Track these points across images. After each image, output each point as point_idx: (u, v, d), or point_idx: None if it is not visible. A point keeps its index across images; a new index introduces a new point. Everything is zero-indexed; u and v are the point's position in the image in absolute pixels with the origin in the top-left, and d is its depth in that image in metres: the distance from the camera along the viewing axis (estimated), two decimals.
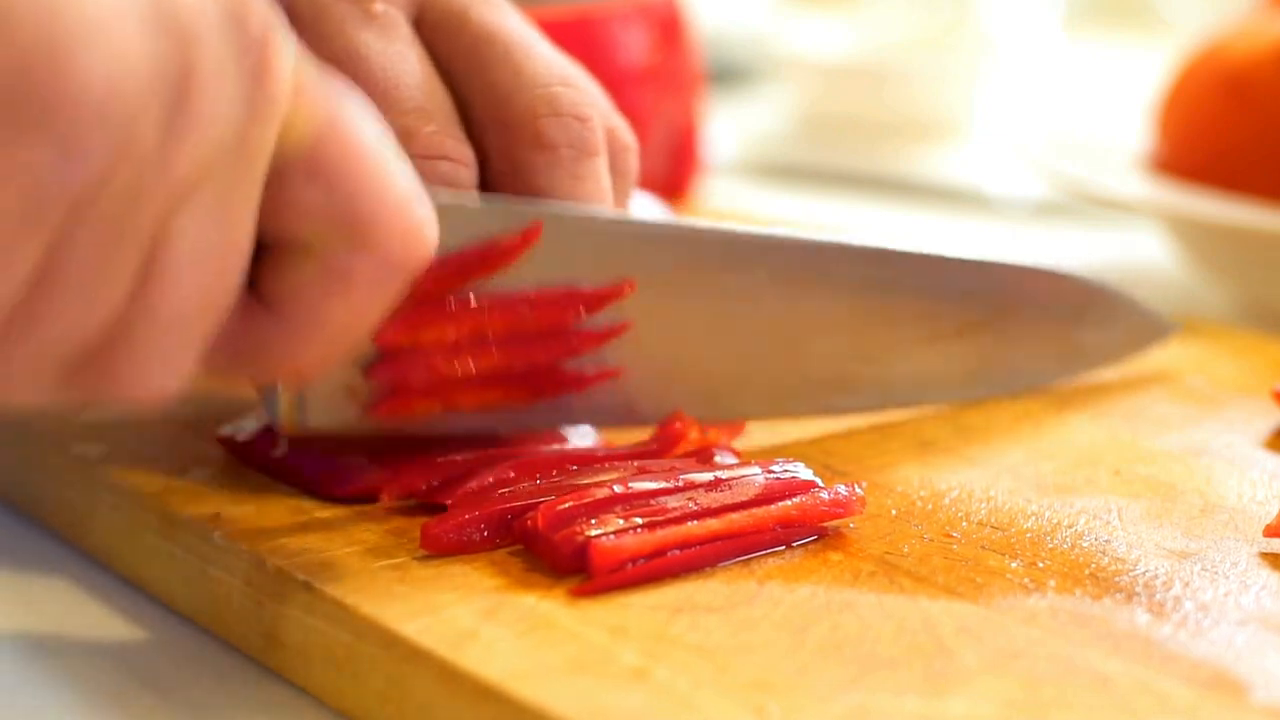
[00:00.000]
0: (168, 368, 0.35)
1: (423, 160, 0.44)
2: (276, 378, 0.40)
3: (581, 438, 0.48)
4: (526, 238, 0.44)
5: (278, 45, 0.35)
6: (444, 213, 0.40)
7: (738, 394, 0.49)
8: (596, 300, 0.46)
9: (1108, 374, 0.56)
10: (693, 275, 0.47)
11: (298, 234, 0.37)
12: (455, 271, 0.43)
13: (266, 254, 0.37)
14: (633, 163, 0.49)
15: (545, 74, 0.46)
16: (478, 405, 0.45)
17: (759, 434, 0.49)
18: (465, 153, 0.45)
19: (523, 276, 0.45)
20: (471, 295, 0.44)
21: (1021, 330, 0.53)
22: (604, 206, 0.46)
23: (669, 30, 0.83)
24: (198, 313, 0.35)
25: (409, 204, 0.37)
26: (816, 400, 0.50)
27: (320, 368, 0.38)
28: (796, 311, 0.49)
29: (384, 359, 0.43)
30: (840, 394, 0.51)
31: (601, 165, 0.46)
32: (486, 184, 0.46)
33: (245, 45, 0.34)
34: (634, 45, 0.81)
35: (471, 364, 0.45)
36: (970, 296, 0.52)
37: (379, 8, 0.46)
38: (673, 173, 0.84)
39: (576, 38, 0.78)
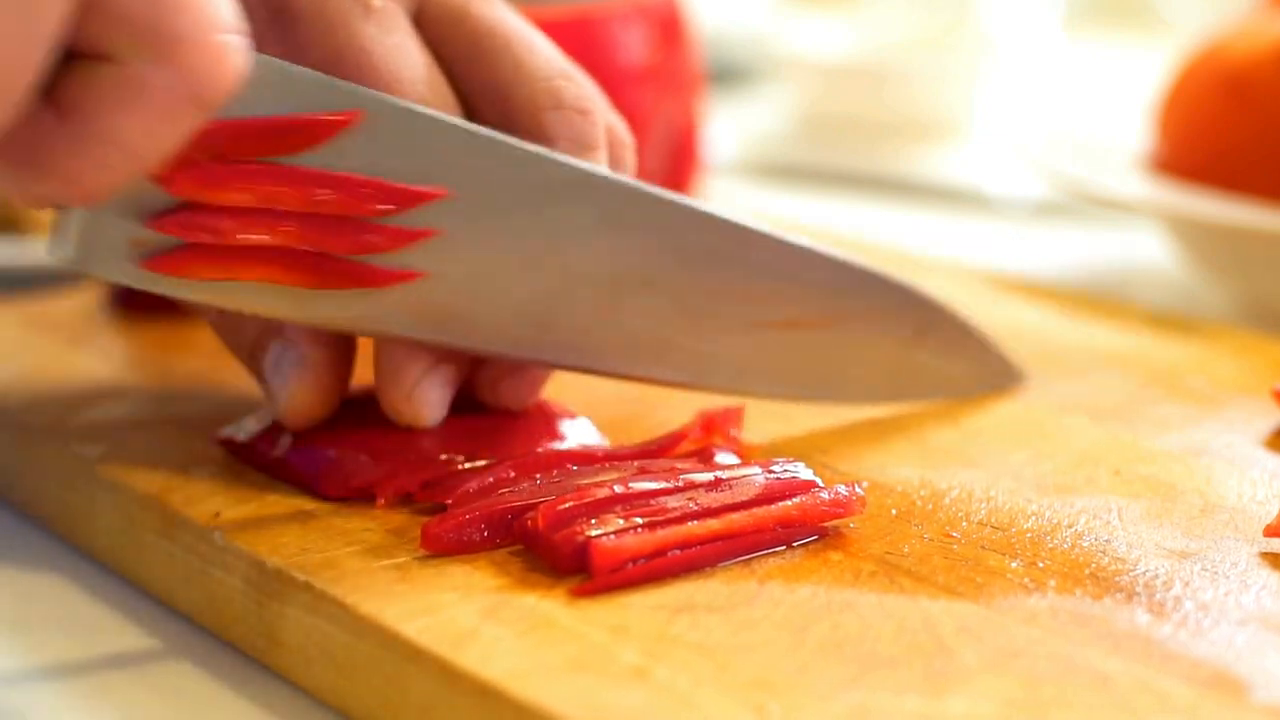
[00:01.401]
0: None
1: None
2: (60, 194, 0.38)
3: (582, 435, 0.48)
4: (344, 119, 0.42)
5: None
6: (267, 73, 0.39)
7: (545, 333, 0.46)
8: (403, 197, 0.43)
9: (1089, 357, 0.56)
10: (517, 196, 0.45)
11: (101, 39, 0.36)
12: (262, 136, 0.42)
13: (67, 61, 0.36)
14: (630, 159, 0.49)
15: (546, 67, 0.46)
16: (260, 278, 0.43)
17: (758, 434, 0.49)
18: None
19: (333, 163, 0.43)
20: (274, 164, 0.42)
21: (854, 339, 0.51)
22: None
23: (669, 30, 0.83)
24: None
25: (219, 26, 0.36)
26: (628, 361, 0.48)
27: (105, 186, 0.37)
28: (618, 260, 0.46)
29: (171, 211, 0.42)
30: (654, 361, 0.48)
31: (601, 158, 0.46)
32: None
33: None
34: (634, 45, 0.81)
35: (261, 235, 0.42)
36: (808, 291, 0.49)
37: (378, 3, 0.46)
38: (673, 173, 0.84)
39: (576, 38, 0.78)
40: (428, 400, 0.46)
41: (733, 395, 0.49)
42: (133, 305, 0.60)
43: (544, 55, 0.47)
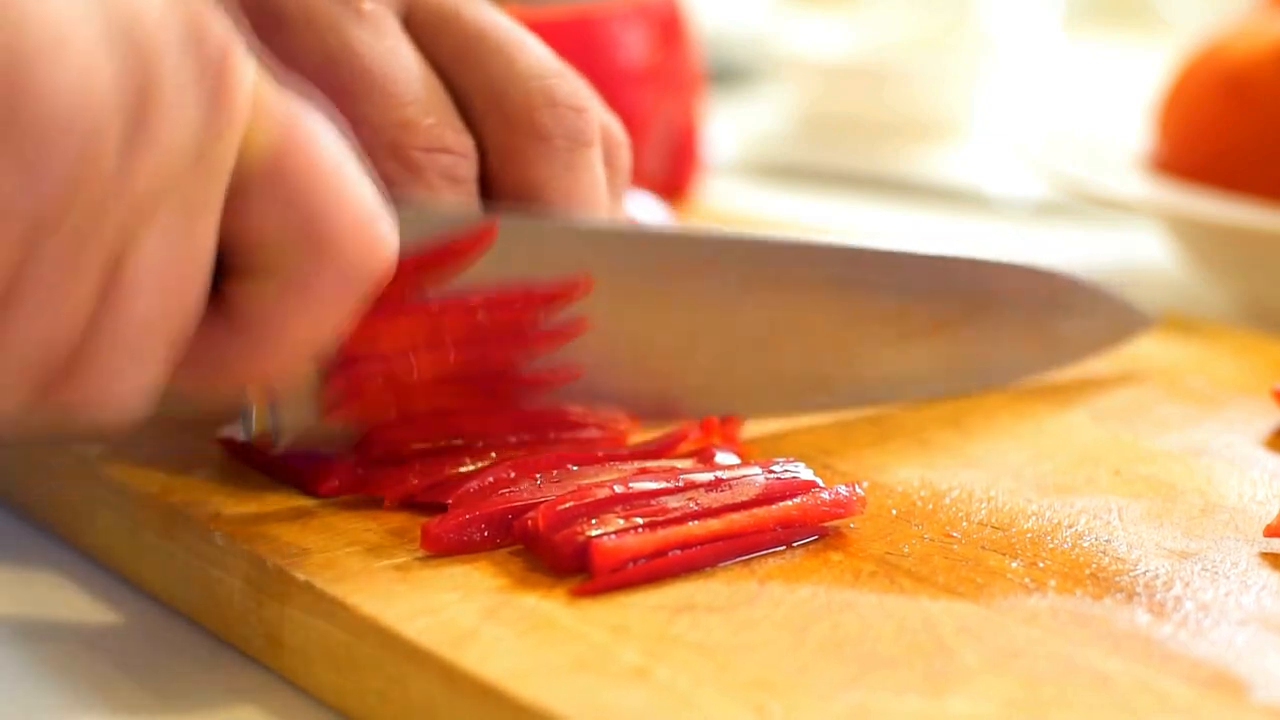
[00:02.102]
0: (133, 380, 0.36)
1: (424, 153, 0.44)
2: (241, 389, 0.40)
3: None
4: (482, 237, 0.44)
5: (237, 60, 0.35)
6: (402, 218, 0.40)
7: (702, 397, 0.49)
8: (553, 297, 0.45)
9: (1095, 367, 0.56)
10: (653, 278, 0.47)
11: (259, 248, 0.37)
12: (411, 273, 0.43)
13: (229, 268, 0.37)
14: (625, 158, 0.49)
15: (539, 66, 0.46)
16: (433, 408, 0.45)
17: (758, 434, 0.49)
18: (466, 144, 0.45)
19: (480, 279, 0.44)
20: (428, 297, 0.44)
21: (996, 325, 0.53)
22: (598, 200, 0.46)
23: (669, 30, 0.83)
24: (161, 326, 0.35)
25: (368, 217, 0.37)
26: (785, 401, 0.50)
27: (283, 379, 0.39)
28: (762, 313, 0.49)
29: (341, 364, 0.43)
30: (810, 394, 0.51)
31: (596, 156, 0.47)
32: (483, 176, 0.46)
33: (205, 61, 0.34)
34: (634, 45, 0.81)
35: (428, 367, 0.44)
36: (941, 293, 0.52)
37: (368, 6, 0.46)
38: (673, 173, 0.84)
39: (576, 38, 0.78)
40: None
41: (894, 405, 0.52)
42: None
43: (536, 54, 0.47)
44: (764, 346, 0.49)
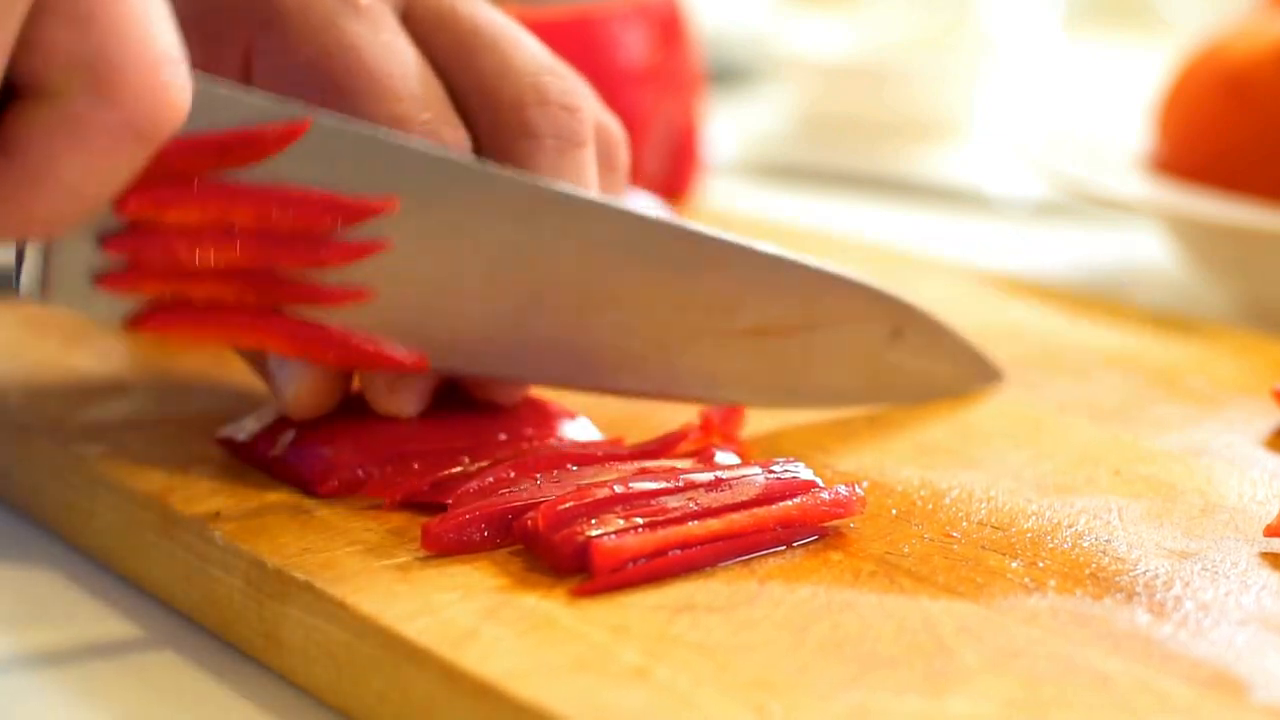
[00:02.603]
0: None
1: None
2: (11, 230, 0.38)
3: (581, 432, 0.48)
4: (291, 131, 0.42)
5: None
6: (211, 97, 0.39)
7: (505, 353, 0.46)
8: (354, 211, 0.43)
9: (1095, 366, 0.56)
10: (470, 216, 0.45)
11: (43, 77, 0.35)
12: (210, 152, 0.41)
13: (12, 98, 0.36)
14: (623, 157, 0.49)
15: (533, 63, 0.46)
16: (211, 298, 0.43)
17: (761, 438, 0.49)
18: (461, 139, 0.45)
19: (283, 176, 0.43)
20: (223, 182, 0.42)
21: (826, 342, 0.50)
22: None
23: (669, 30, 0.83)
24: None
25: (161, 61, 0.36)
26: (596, 376, 0.48)
27: (56, 225, 0.37)
28: (582, 277, 0.46)
29: (122, 233, 0.41)
30: (623, 375, 0.48)
31: (588, 154, 0.46)
32: None
33: None
34: (634, 45, 0.81)
35: (211, 251, 0.42)
36: (777, 298, 0.49)
37: (365, 1, 0.46)
38: (673, 173, 0.84)
39: (576, 38, 0.78)
40: (409, 390, 0.46)
41: (706, 404, 0.49)
42: None
43: (530, 52, 0.47)
44: (575, 311, 0.46)
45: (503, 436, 0.47)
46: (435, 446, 0.46)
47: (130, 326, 0.42)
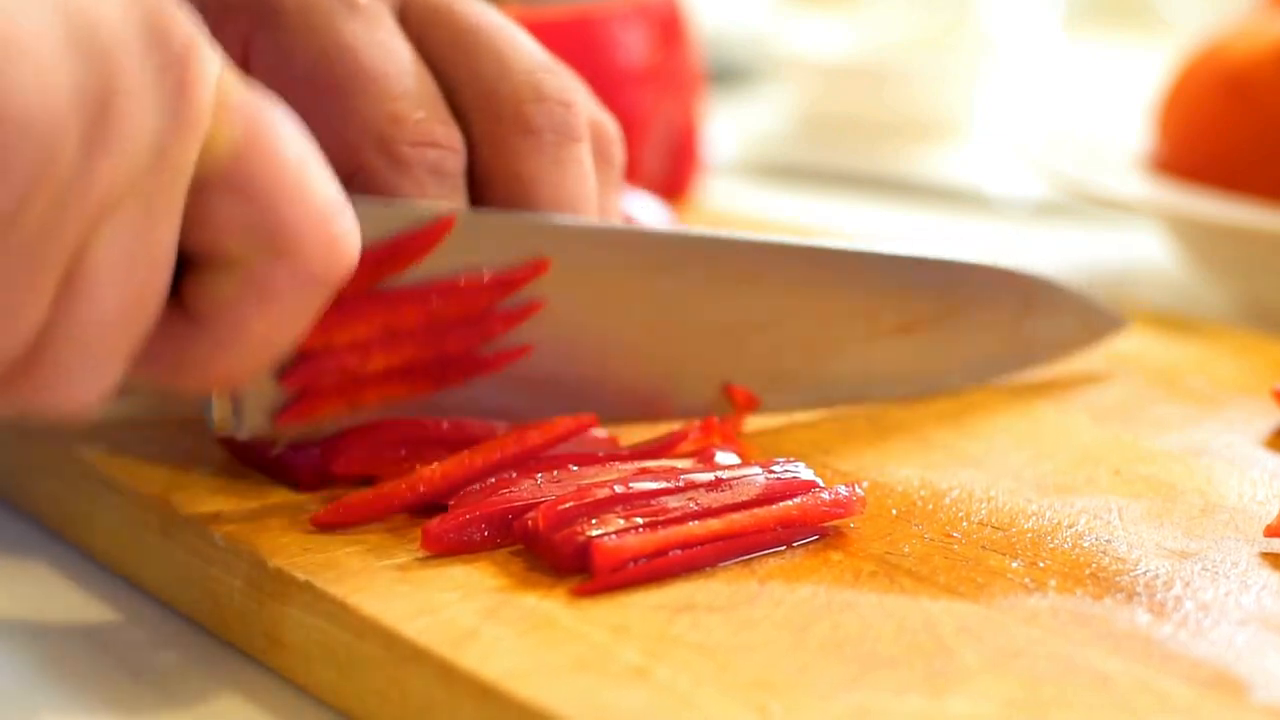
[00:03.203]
0: (92, 379, 0.36)
1: (411, 148, 0.44)
2: (203, 388, 0.40)
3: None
4: (438, 229, 0.44)
5: (200, 59, 0.35)
6: (362, 213, 0.40)
7: (663, 393, 0.49)
8: (509, 281, 0.45)
9: (1095, 366, 0.56)
10: (614, 274, 0.47)
11: (221, 246, 0.37)
12: (367, 269, 0.43)
13: (191, 266, 0.37)
14: (618, 152, 0.49)
15: (529, 61, 0.47)
16: (383, 401, 0.45)
17: (758, 435, 0.49)
18: (454, 138, 0.45)
19: (436, 272, 0.44)
20: (382, 292, 0.44)
21: (965, 326, 0.53)
22: (586, 194, 0.46)
23: (669, 30, 0.83)
24: (121, 325, 0.35)
25: (330, 215, 0.37)
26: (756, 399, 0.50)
27: (245, 378, 0.39)
28: (728, 311, 0.49)
29: (297, 363, 0.43)
30: (775, 392, 0.50)
31: (584, 150, 0.47)
32: (471, 170, 0.46)
33: (167, 60, 0.34)
34: (634, 45, 0.81)
35: (383, 360, 0.44)
36: (911, 293, 0.51)
37: (363, 0, 0.46)
38: (673, 173, 0.84)
39: (576, 38, 0.78)
40: None
41: (861, 404, 0.52)
42: None
43: (526, 50, 0.47)
44: (726, 344, 0.49)
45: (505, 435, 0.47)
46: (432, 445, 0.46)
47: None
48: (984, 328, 0.54)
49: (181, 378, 0.38)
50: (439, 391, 0.45)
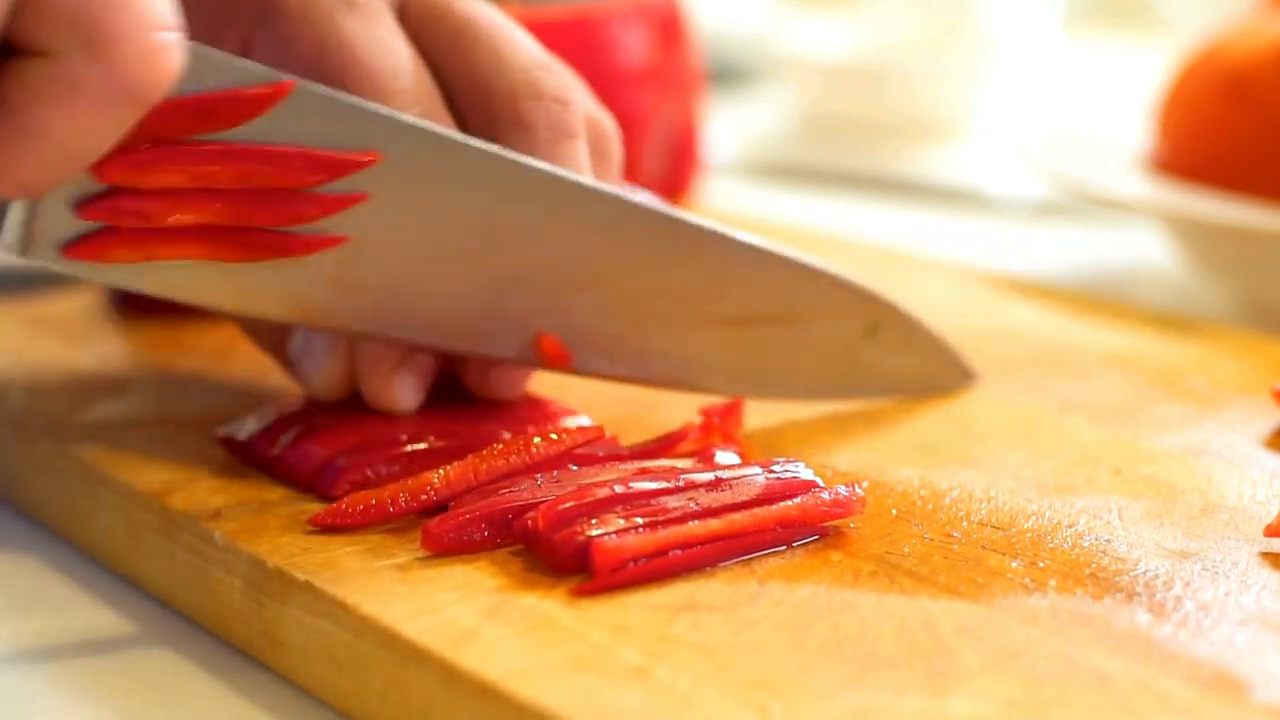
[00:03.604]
0: None
1: None
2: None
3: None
4: (274, 92, 0.42)
5: None
6: (200, 61, 0.39)
7: (482, 330, 0.46)
8: (334, 165, 0.43)
9: (1095, 366, 0.56)
10: (452, 187, 0.45)
11: (40, 36, 0.36)
12: (194, 114, 0.41)
13: (7, 54, 0.36)
14: (615, 150, 0.49)
15: (525, 59, 0.47)
16: (180, 257, 0.43)
17: (758, 434, 0.49)
18: None
19: (266, 139, 0.42)
20: (203, 143, 0.42)
21: (805, 335, 0.51)
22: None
23: (669, 30, 0.83)
24: None
25: (156, 25, 0.36)
26: (575, 358, 0.48)
27: (43, 180, 0.37)
28: (562, 257, 0.46)
29: (99, 197, 0.41)
30: (601, 358, 0.48)
31: (581, 147, 0.47)
32: None
33: None
34: (634, 45, 0.81)
35: (189, 214, 0.42)
36: (757, 288, 0.49)
37: None
38: (673, 173, 0.84)
39: (576, 38, 0.78)
40: (404, 387, 0.46)
41: (682, 391, 0.49)
42: (132, 305, 0.60)
43: (523, 48, 0.47)
44: (551, 292, 0.47)
45: (505, 434, 0.47)
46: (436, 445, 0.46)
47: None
48: (821, 342, 0.51)
49: None
50: (240, 264, 0.43)
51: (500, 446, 0.44)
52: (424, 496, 0.43)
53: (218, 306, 0.44)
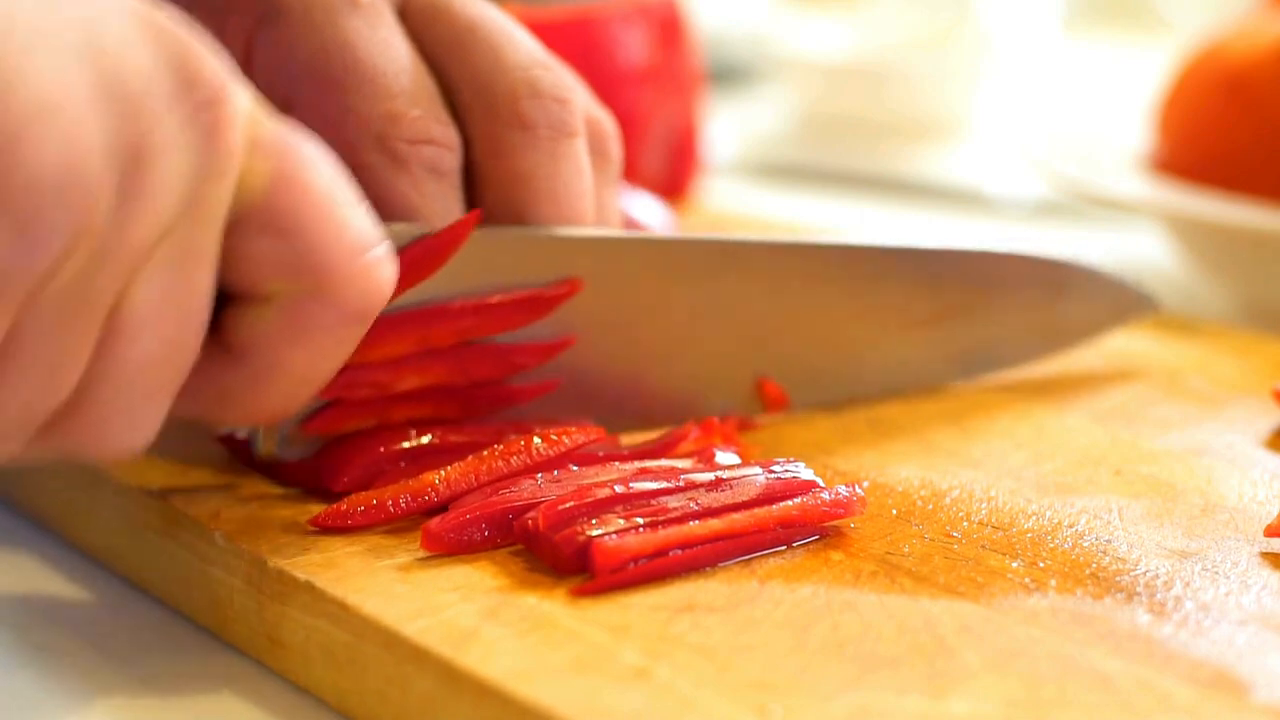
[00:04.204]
0: (134, 423, 0.36)
1: (408, 145, 0.45)
2: (244, 422, 0.40)
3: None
4: (457, 233, 0.44)
5: (230, 100, 0.35)
6: (390, 233, 0.40)
7: (694, 396, 0.49)
8: (543, 302, 0.46)
9: (1095, 366, 0.56)
10: (641, 284, 0.47)
11: (257, 283, 0.37)
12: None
13: (229, 301, 0.37)
14: (615, 149, 0.49)
15: (526, 58, 0.47)
16: (410, 419, 0.45)
17: (759, 434, 0.49)
18: (450, 136, 0.46)
19: (467, 289, 0.45)
20: (417, 308, 0.44)
21: (997, 312, 0.54)
22: (582, 189, 0.47)
23: (669, 30, 0.83)
24: (160, 368, 0.36)
25: (363, 247, 0.38)
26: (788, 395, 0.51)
27: (286, 412, 0.39)
28: (758, 313, 0.49)
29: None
30: (808, 388, 0.51)
31: (580, 146, 0.47)
32: (468, 167, 0.46)
33: (197, 105, 0.35)
34: (634, 45, 0.81)
35: (414, 379, 0.45)
36: (943, 284, 0.52)
37: None
38: (673, 173, 0.84)
39: (576, 38, 0.78)
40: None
41: (895, 394, 0.52)
42: None
43: (523, 47, 0.47)
44: (757, 345, 0.50)
45: (508, 434, 0.47)
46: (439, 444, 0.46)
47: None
48: (1014, 313, 0.54)
49: (222, 413, 0.39)
50: (469, 416, 0.46)
51: (501, 447, 0.44)
52: (424, 497, 0.43)
53: None
